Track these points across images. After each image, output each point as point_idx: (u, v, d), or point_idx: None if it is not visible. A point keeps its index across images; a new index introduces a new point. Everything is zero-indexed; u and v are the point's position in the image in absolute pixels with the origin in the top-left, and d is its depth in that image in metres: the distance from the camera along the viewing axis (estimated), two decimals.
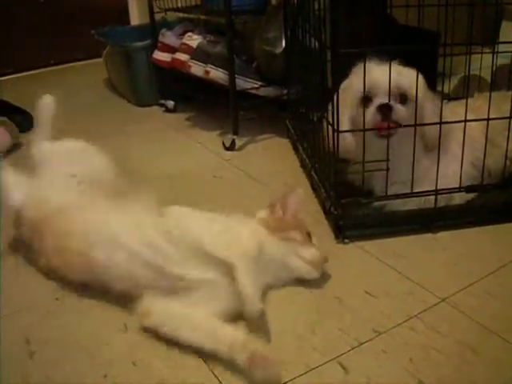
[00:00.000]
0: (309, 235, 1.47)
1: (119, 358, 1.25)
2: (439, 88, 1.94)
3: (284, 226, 1.44)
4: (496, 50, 1.78)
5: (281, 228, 1.43)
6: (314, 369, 1.19)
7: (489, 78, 2.06)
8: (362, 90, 1.60)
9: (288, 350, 1.25)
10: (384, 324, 1.31)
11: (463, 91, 1.85)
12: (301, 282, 1.45)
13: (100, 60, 3.53)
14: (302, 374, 1.18)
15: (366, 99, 1.64)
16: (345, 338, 1.27)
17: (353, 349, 1.24)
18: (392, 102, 1.61)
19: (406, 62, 1.65)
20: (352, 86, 1.67)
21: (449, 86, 2.24)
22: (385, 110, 1.61)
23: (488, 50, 2.05)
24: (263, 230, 1.42)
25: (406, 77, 1.62)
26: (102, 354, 1.26)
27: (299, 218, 1.49)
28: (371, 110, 1.63)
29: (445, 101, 1.73)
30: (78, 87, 3.70)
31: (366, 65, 1.57)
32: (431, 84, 1.72)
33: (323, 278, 1.39)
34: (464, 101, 1.65)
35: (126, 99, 3.28)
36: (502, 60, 2.06)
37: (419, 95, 1.62)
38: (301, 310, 1.36)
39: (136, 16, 4.48)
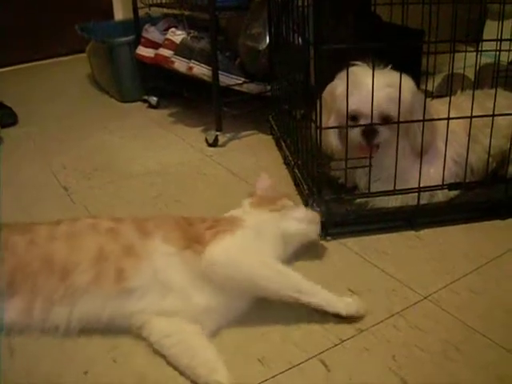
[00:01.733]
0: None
1: (100, 355, 1.23)
2: (423, 86, 1.94)
3: (268, 201, 1.51)
4: (480, 48, 1.78)
5: (267, 203, 1.49)
6: (295, 366, 1.18)
7: (472, 77, 2.07)
8: (348, 107, 1.58)
9: (270, 346, 1.24)
10: (366, 321, 1.30)
11: (446, 89, 1.85)
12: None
13: (84, 55, 3.51)
14: (283, 371, 1.17)
15: (351, 118, 1.63)
16: (327, 336, 1.26)
17: (335, 346, 1.23)
18: (376, 125, 1.61)
19: (391, 61, 1.65)
20: (338, 97, 1.65)
21: (432, 84, 2.24)
22: (369, 133, 1.62)
23: (472, 49, 2.06)
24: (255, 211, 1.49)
25: (394, 92, 1.59)
26: (82, 350, 1.24)
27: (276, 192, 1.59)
28: (355, 132, 1.63)
29: (428, 98, 1.73)
30: (61, 83, 3.68)
31: (355, 71, 1.59)
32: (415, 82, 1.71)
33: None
34: (447, 98, 1.66)
35: (109, 95, 3.25)
36: (485, 59, 2.07)
37: (408, 111, 1.63)
38: (283, 307, 1.34)
39: (120, 11, 4.45)
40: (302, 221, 1.49)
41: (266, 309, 1.33)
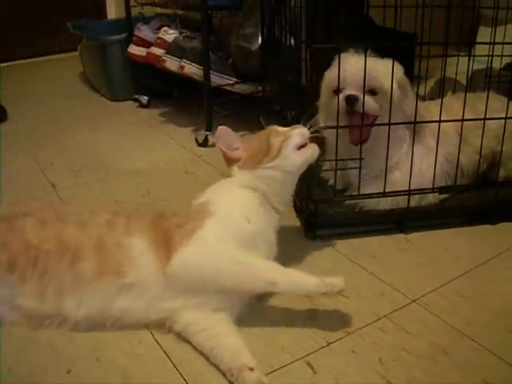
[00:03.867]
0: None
1: (83, 354, 1.22)
2: (415, 90, 1.92)
3: (258, 147, 1.43)
4: (472, 53, 1.78)
5: (257, 153, 1.42)
6: (281, 368, 1.17)
7: (464, 82, 2.06)
8: (335, 80, 1.59)
9: (256, 348, 1.22)
10: (353, 324, 1.29)
11: (438, 94, 1.85)
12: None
13: (76, 54, 3.49)
14: (269, 373, 1.15)
15: (338, 91, 1.64)
16: (313, 338, 1.25)
17: (321, 348, 1.22)
18: (358, 94, 1.61)
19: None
20: (327, 76, 1.69)
21: (424, 88, 2.23)
22: (351, 100, 1.61)
23: (464, 54, 2.05)
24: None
25: (379, 68, 1.61)
26: (65, 349, 1.23)
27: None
28: (340, 99, 1.63)
29: (420, 101, 1.72)
30: (52, 80, 3.67)
31: (342, 56, 1.58)
32: None
33: None
34: (437, 100, 1.66)
35: (100, 93, 3.24)
36: (478, 65, 2.06)
37: (397, 84, 1.63)
38: (269, 308, 1.34)
39: (113, 10, 4.43)
40: (300, 147, 1.40)
41: (252, 313, 1.32)
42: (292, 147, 1.39)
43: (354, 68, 1.60)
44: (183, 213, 1.36)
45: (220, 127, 1.46)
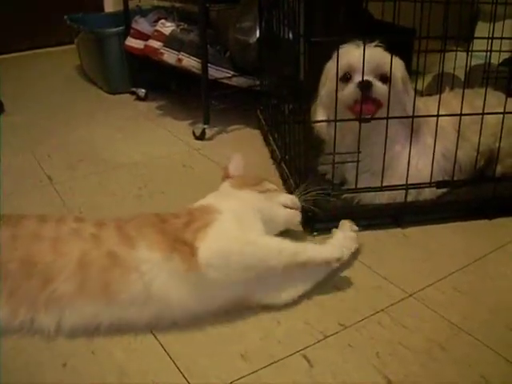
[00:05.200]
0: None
1: (78, 347, 1.21)
2: (413, 86, 1.92)
3: (252, 181, 1.51)
4: (471, 48, 1.78)
5: (252, 183, 1.50)
6: (277, 361, 1.17)
7: (463, 78, 2.06)
8: (342, 68, 1.58)
9: (252, 343, 1.22)
10: (350, 318, 1.29)
11: (436, 89, 1.84)
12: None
13: (73, 47, 3.48)
14: (265, 366, 1.15)
15: (345, 78, 1.62)
16: (310, 331, 1.25)
17: (318, 342, 1.22)
18: (371, 79, 1.59)
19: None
20: (330, 66, 1.66)
21: (422, 83, 2.23)
22: (365, 86, 1.58)
23: (462, 49, 2.06)
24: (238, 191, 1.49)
25: (387, 57, 1.60)
26: (60, 342, 1.22)
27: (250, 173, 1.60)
28: (351, 87, 1.60)
29: (418, 96, 1.72)
30: (49, 73, 3.65)
31: (346, 46, 1.59)
32: None
33: None
34: (435, 96, 1.65)
35: (98, 86, 3.23)
36: (476, 61, 2.06)
37: (400, 78, 1.64)
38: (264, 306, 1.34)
39: (110, 4, 4.42)
40: (286, 206, 1.50)
41: (248, 308, 1.31)
42: (279, 200, 1.50)
43: (362, 55, 1.55)
44: (182, 213, 1.34)
45: (236, 155, 1.64)
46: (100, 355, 1.19)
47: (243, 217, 1.33)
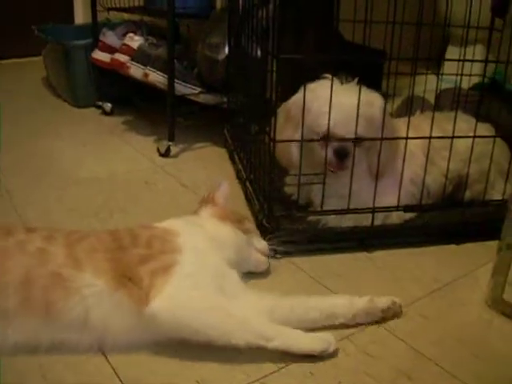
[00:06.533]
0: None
1: (29, 370, 1.15)
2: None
3: (235, 217, 1.46)
4: (441, 71, 1.77)
5: (234, 219, 1.45)
6: None
7: (432, 100, 2.05)
8: (322, 126, 1.56)
9: (210, 369, 1.17)
10: None
11: (406, 112, 1.83)
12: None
13: (40, 59, 3.42)
14: None
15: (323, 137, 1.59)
16: (271, 359, 1.19)
17: (279, 370, 1.17)
18: (349, 146, 1.58)
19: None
20: (312, 113, 1.59)
21: (392, 106, 2.21)
22: (342, 154, 1.59)
23: (432, 73, 2.05)
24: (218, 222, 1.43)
25: (367, 111, 1.57)
26: (10, 365, 1.15)
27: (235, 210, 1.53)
28: (328, 152, 1.59)
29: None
30: (14, 85, 3.58)
31: (326, 86, 1.54)
32: None
33: None
34: (405, 118, 1.64)
35: (63, 99, 3.17)
36: (446, 84, 2.05)
37: (379, 128, 1.59)
38: None
39: (80, 15, 4.37)
40: (260, 253, 1.48)
41: None
42: (254, 243, 1.47)
43: (344, 114, 1.55)
44: (142, 239, 1.27)
45: (224, 182, 1.57)
46: (51, 379, 1.13)
47: (209, 260, 1.28)
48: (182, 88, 2.38)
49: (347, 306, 1.29)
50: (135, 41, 2.52)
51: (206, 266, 1.26)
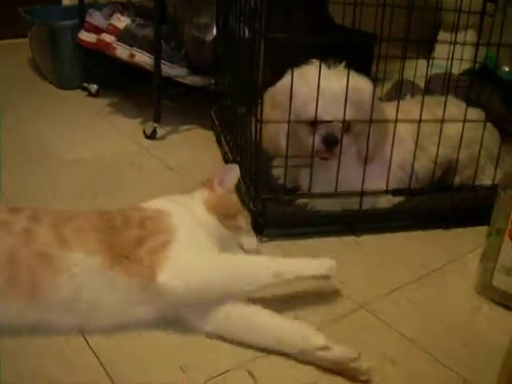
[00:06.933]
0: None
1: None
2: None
3: (225, 210, 1.40)
4: (432, 56, 1.75)
5: (221, 213, 1.38)
6: (220, 375, 1.10)
7: (422, 85, 2.03)
8: (309, 112, 1.54)
9: (194, 355, 1.15)
10: None
11: (396, 95, 1.80)
12: None
13: (26, 40, 3.36)
14: (207, 380, 1.08)
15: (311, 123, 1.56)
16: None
17: (263, 356, 1.15)
18: (337, 133, 1.55)
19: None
20: (298, 100, 1.56)
21: (381, 90, 2.20)
22: (331, 141, 1.56)
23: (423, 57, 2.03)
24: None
25: (355, 96, 1.54)
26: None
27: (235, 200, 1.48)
28: (316, 139, 1.56)
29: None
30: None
31: (313, 72, 1.52)
32: None
33: None
34: (394, 102, 1.62)
35: (49, 81, 3.12)
36: (436, 70, 2.04)
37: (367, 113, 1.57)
38: None
39: None
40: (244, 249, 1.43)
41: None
42: (241, 241, 1.41)
43: (332, 100, 1.53)
44: (134, 220, 1.25)
45: (232, 166, 1.51)
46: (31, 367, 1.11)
47: (200, 236, 1.27)
48: (168, 69, 2.34)
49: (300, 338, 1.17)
50: (122, 21, 2.47)
51: (199, 240, 1.25)
